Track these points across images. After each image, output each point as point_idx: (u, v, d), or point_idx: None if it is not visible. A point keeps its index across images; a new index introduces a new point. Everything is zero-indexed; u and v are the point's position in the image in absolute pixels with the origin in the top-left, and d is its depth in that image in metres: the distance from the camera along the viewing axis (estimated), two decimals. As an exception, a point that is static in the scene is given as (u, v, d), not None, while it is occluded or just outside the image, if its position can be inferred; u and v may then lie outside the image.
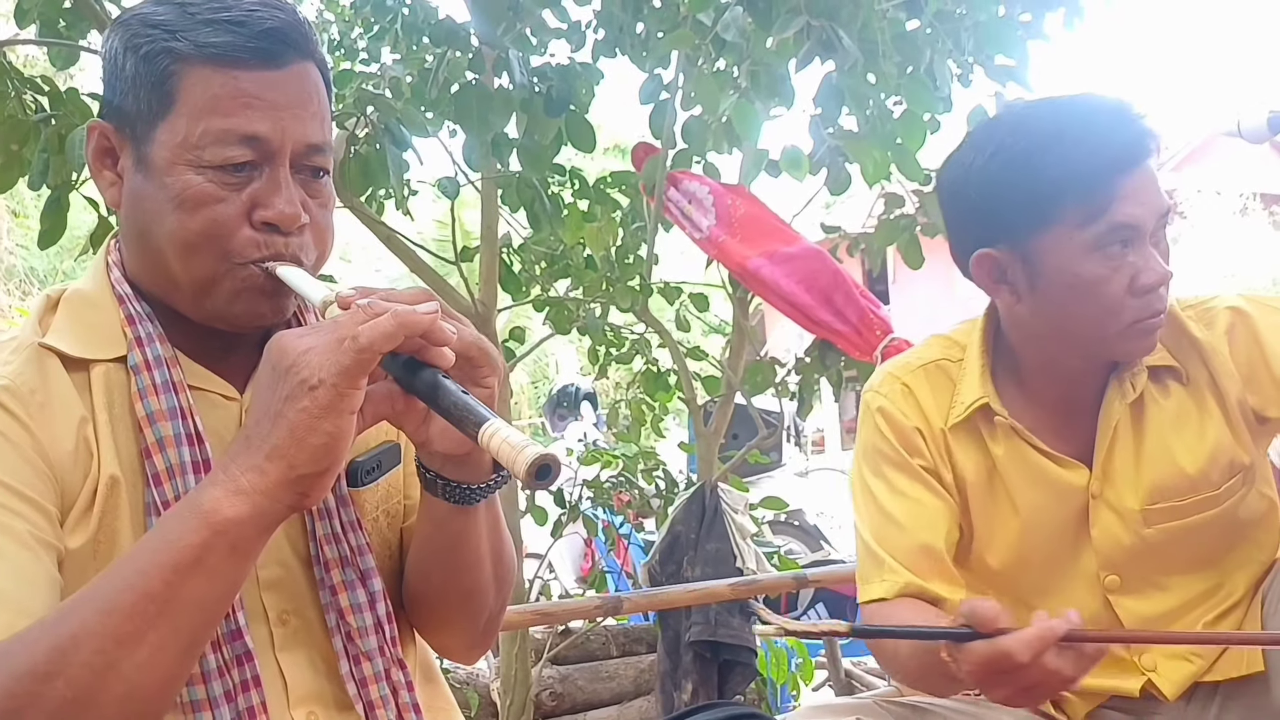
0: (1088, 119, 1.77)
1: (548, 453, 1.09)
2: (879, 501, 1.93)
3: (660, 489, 4.90)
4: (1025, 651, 1.45)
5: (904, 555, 1.87)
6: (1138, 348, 1.83)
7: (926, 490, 1.91)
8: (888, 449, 1.94)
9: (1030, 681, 1.48)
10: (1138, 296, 1.76)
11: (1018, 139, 1.80)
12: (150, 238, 1.34)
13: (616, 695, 4.59)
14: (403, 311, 1.18)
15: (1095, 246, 1.75)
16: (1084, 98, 1.83)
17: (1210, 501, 1.87)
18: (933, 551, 1.87)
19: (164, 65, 1.31)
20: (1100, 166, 1.74)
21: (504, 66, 3.33)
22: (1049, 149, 1.76)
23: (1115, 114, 1.78)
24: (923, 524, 1.89)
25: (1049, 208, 1.77)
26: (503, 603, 1.58)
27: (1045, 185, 1.76)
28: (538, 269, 4.44)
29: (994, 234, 1.85)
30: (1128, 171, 1.74)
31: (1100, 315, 1.79)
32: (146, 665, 1.14)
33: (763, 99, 3.45)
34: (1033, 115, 1.83)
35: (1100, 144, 1.74)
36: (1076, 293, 1.78)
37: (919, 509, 1.90)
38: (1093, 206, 1.74)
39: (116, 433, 1.33)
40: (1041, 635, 1.46)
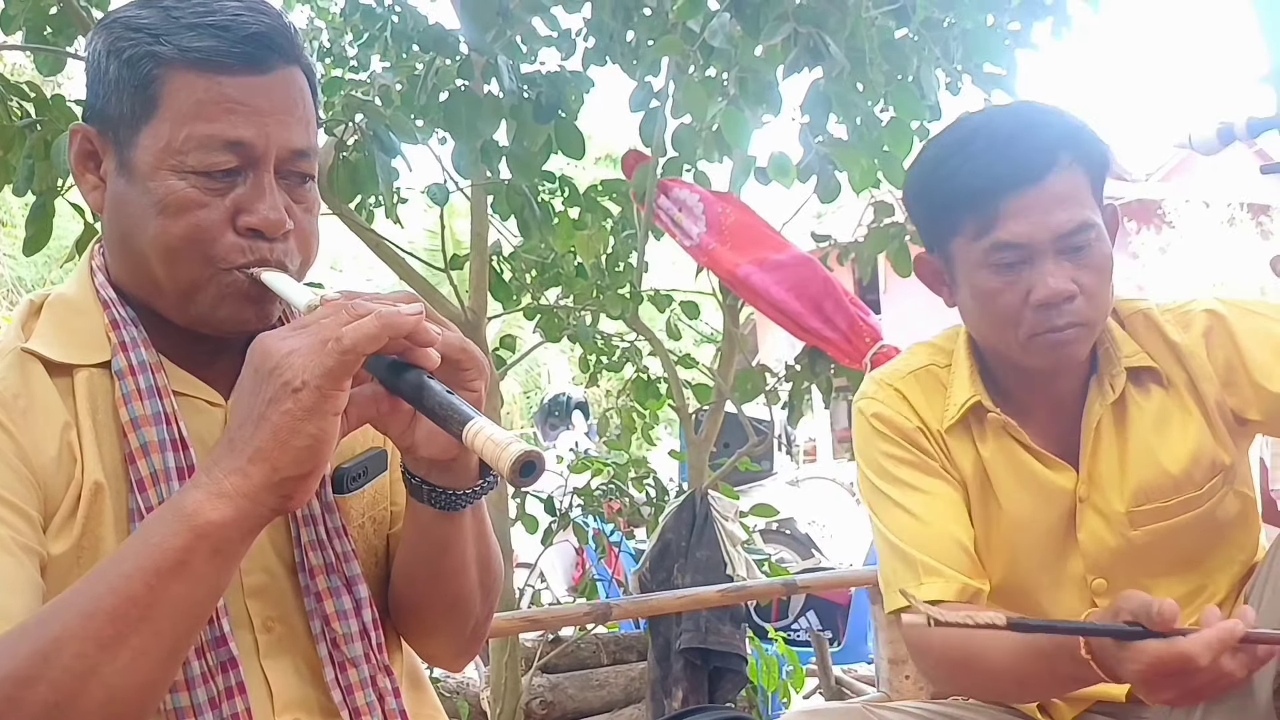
0: (991, 133, 1.80)
1: (532, 450, 1.09)
2: (899, 503, 1.92)
3: (651, 497, 4.89)
4: (1206, 654, 1.40)
5: (938, 553, 1.86)
6: (1044, 359, 1.84)
7: (943, 483, 1.93)
8: (894, 449, 1.95)
9: (1201, 683, 1.44)
10: (1035, 311, 1.77)
11: (932, 148, 1.89)
12: (133, 242, 1.34)
13: (607, 703, 4.57)
14: (387, 312, 1.17)
15: (986, 260, 1.79)
16: (1009, 109, 1.88)
17: (1194, 502, 1.88)
18: (963, 545, 1.88)
19: (147, 69, 1.31)
20: (987, 184, 1.77)
21: (493, 73, 3.32)
22: (948, 161, 1.82)
23: (1021, 128, 1.79)
24: (948, 518, 1.90)
25: (948, 218, 1.83)
26: (489, 609, 1.57)
27: (944, 195, 1.83)
28: (528, 277, 4.44)
29: (925, 238, 1.94)
30: (1017, 190, 1.75)
31: (1001, 325, 1.83)
32: (128, 669, 1.13)
33: (751, 106, 3.45)
34: (956, 126, 1.89)
35: (993, 160, 1.76)
36: (978, 301, 1.84)
37: (940, 503, 1.91)
38: (982, 222, 1.78)
39: (100, 438, 1.32)
40: (1222, 637, 1.41)
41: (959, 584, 1.84)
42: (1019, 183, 1.75)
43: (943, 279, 1.92)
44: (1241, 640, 1.42)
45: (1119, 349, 1.88)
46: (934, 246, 1.91)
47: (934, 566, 1.85)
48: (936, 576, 1.84)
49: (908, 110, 3.58)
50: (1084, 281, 1.77)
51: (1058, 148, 1.77)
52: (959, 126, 1.87)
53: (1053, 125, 1.80)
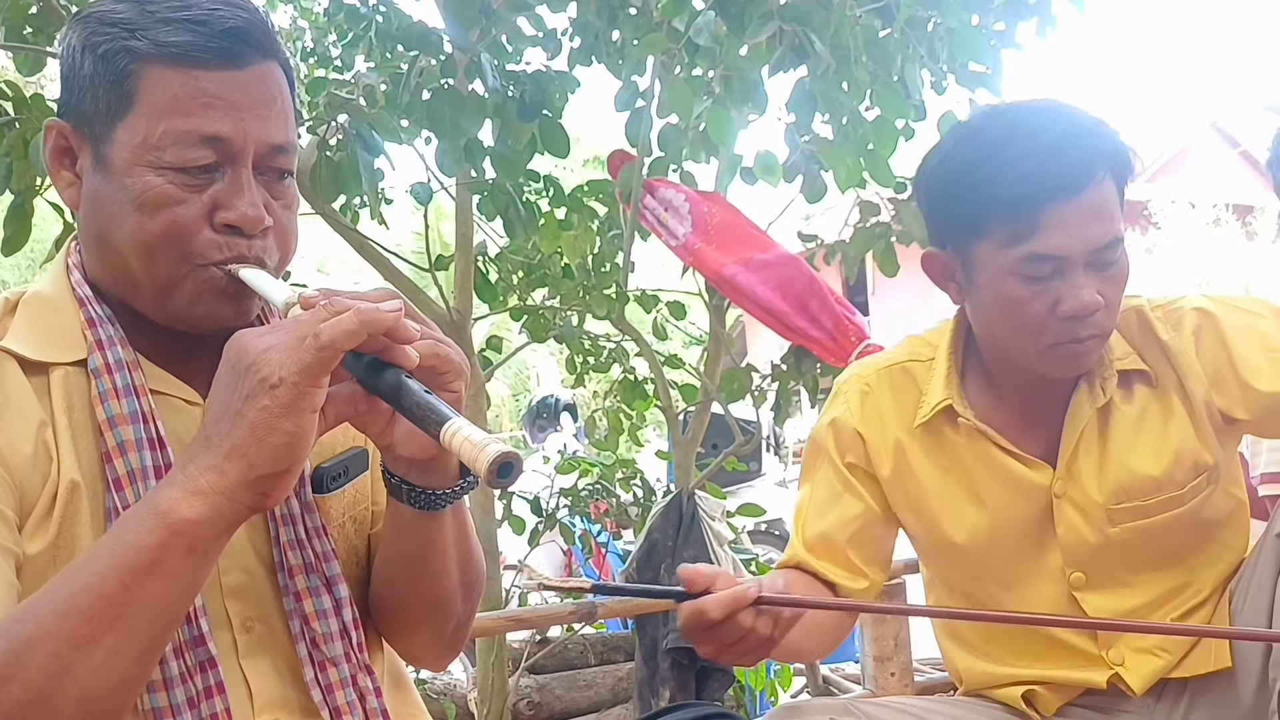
0: (1031, 139, 1.76)
1: (510, 450, 1.08)
2: (805, 488, 2.06)
3: (638, 497, 4.89)
4: (717, 610, 1.55)
5: (807, 536, 2.01)
6: (1061, 369, 1.86)
7: (844, 489, 2.01)
8: (823, 440, 2.05)
9: (731, 638, 1.59)
10: (1060, 321, 1.77)
11: (965, 147, 1.83)
12: (110, 239, 1.33)
13: (594, 704, 4.57)
14: (366, 309, 1.16)
15: (1017, 269, 1.77)
16: (1045, 111, 1.81)
17: (1175, 501, 1.89)
18: (830, 540, 1.99)
19: (123, 64, 1.29)
20: (1029, 193, 1.74)
21: (477, 72, 3.31)
22: (985, 164, 1.77)
23: (1062, 137, 1.76)
24: (829, 515, 2.01)
25: (979, 222, 1.80)
26: (471, 609, 1.57)
27: (977, 200, 1.79)
28: (515, 278, 4.43)
29: (941, 235, 1.91)
30: (1058, 202, 1.73)
31: (1021, 332, 1.82)
32: (103, 668, 1.12)
33: (736, 105, 3.44)
34: (987, 124, 1.84)
35: (1034, 169, 1.73)
36: (1000, 307, 1.83)
37: (829, 504, 2.02)
38: (1017, 231, 1.75)
39: (77, 437, 1.31)
40: (735, 596, 1.56)
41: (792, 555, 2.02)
42: (1060, 194, 1.73)
43: (953, 277, 1.90)
44: (757, 602, 1.58)
45: (1111, 350, 1.89)
46: (949, 244, 1.89)
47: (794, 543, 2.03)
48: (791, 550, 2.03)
49: (893, 109, 3.58)
50: (1108, 294, 1.77)
51: (1098, 160, 1.76)
52: (991, 126, 1.83)
53: (1094, 136, 1.77)
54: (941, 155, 1.88)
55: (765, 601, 1.59)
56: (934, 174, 1.88)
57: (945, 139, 1.91)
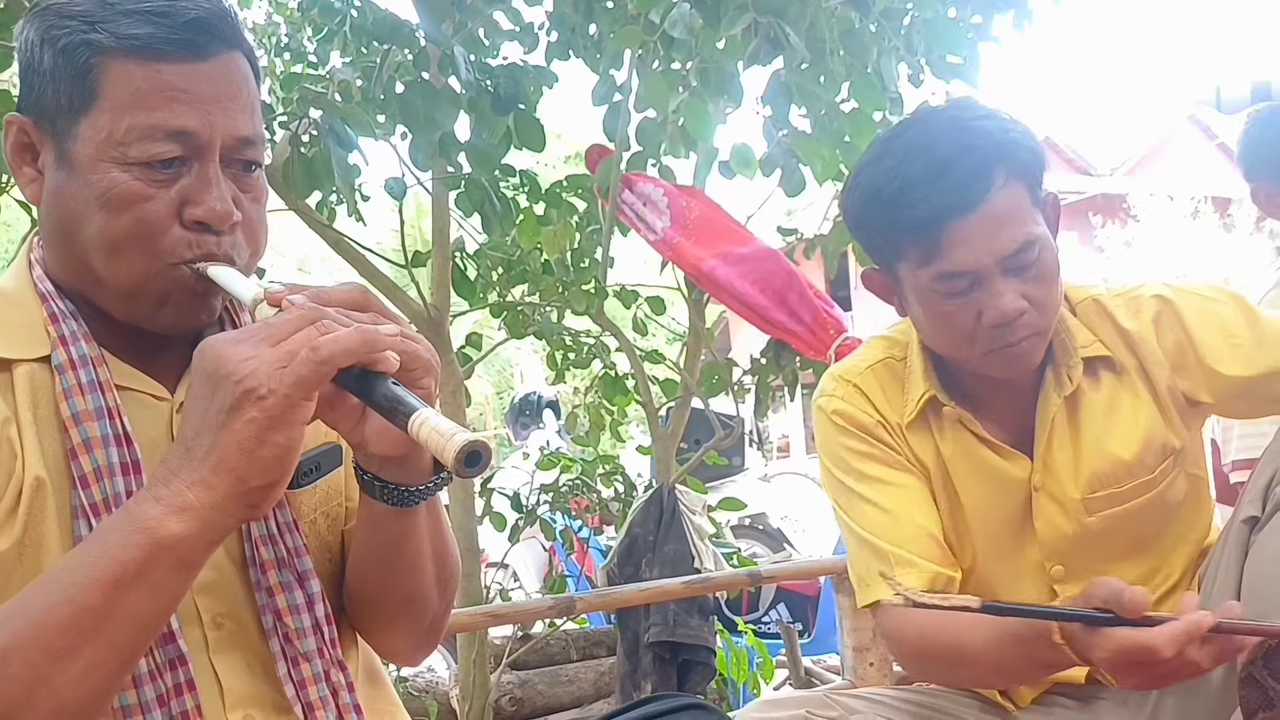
0: (926, 156, 1.75)
1: (477, 440, 1.07)
2: (866, 497, 1.94)
3: (619, 493, 4.89)
4: (1169, 647, 1.42)
5: (909, 544, 1.88)
6: (1004, 371, 1.86)
7: (908, 475, 1.94)
8: (857, 444, 1.96)
9: (1167, 671, 1.46)
10: (988, 330, 1.77)
11: (870, 170, 1.83)
12: (75, 237, 1.31)
13: (577, 699, 4.57)
14: (368, 329, 1.15)
15: (934, 286, 1.78)
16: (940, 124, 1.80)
17: (1146, 486, 1.91)
18: (933, 535, 1.90)
19: (84, 58, 1.27)
20: (928, 215, 1.74)
21: (450, 65, 3.30)
22: (886, 188, 1.78)
23: (954, 150, 1.75)
24: (915, 508, 1.92)
25: (892, 245, 1.82)
26: (447, 604, 1.56)
27: (884, 225, 1.81)
28: (494, 274, 4.42)
29: (871, 258, 1.92)
30: (956, 218, 1.73)
31: (956, 342, 1.83)
32: (80, 680, 1.11)
33: (712, 97, 3.45)
34: (889, 144, 1.83)
35: (930, 188, 1.73)
36: (930, 321, 1.84)
37: (907, 494, 1.93)
38: (925, 252, 1.76)
39: (41, 433, 1.30)
40: (1188, 630, 1.42)
41: (931, 573, 1.85)
42: (958, 211, 1.72)
43: (892, 293, 1.91)
44: (1210, 631, 1.42)
45: (1074, 339, 1.90)
46: (880, 265, 1.90)
47: (906, 558, 1.86)
48: (909, 567, 1.85)
49: (869, 101, 3.59)
50: (1033, 294, 1.77)
51: (993, 167, 1.74)
52: (892, 146, 1.81)
53: (986, 142, 1.76)
54: (855, 179, 1.88)
55: (1221, 630, 1.44)
56: (849, 199, 1.88)
57: (861, 162, 1.91)
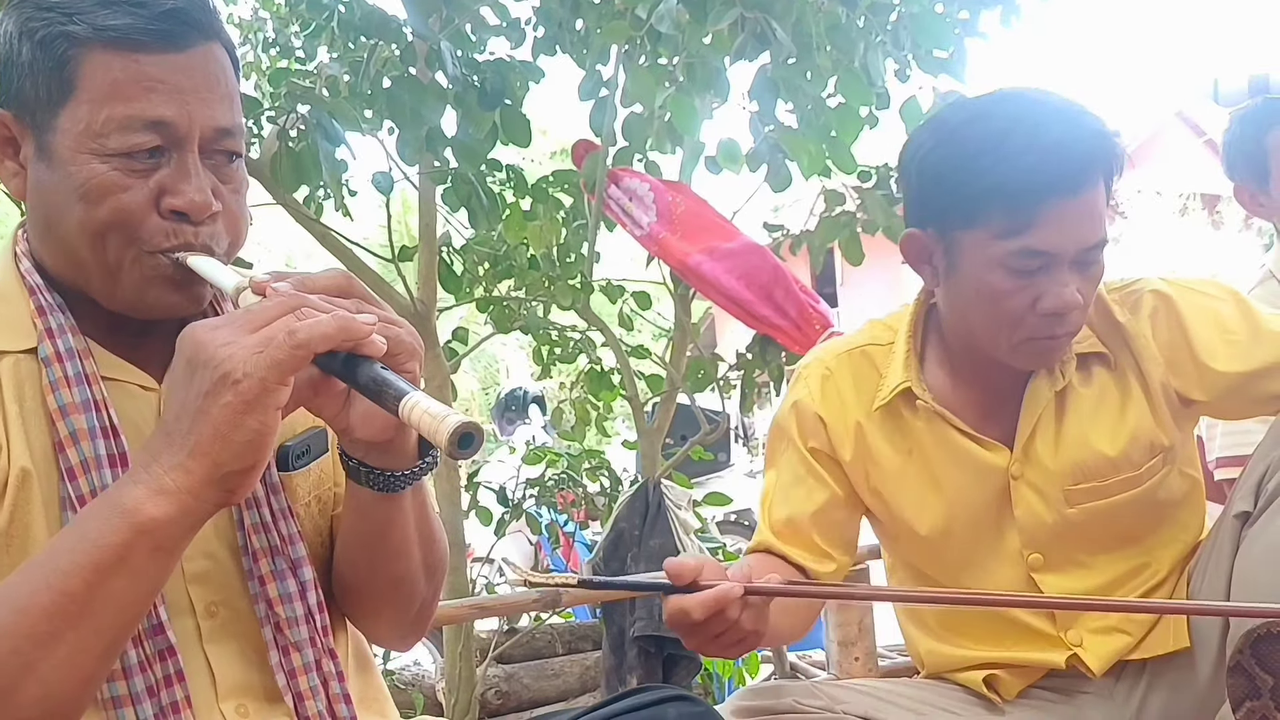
0: (1036, 132, 1.74)
1: (469, 421, 1.08)
2: (770, 473, 2.08)
3: (605, 488, 4.90)
4: (699, 610, 1.52)
5: (773, 521, 2.02)
6: (1030, 362, 1.88)
7: (808, 473, 2.01)
8: (786, 425, 2.05)
9: (716, 632, 1.57)
10: (1039, 316, 1.78)
11: (966, 134, 1.80)
12: (57, 228, 1.31)
13: (562, 693, 4.58)
14: (345, 317, 1.15)
15: (1006, 261, 1.76)
16: (1050, 105, 1.80)
17: (1131, 481, 1.91)
18: (796, 523, 2.00)
19: (62, 50, 1.27)
20: (1029, 187, 1.73)
21: (437, 60, 3.31)
22: (987, 154, 1.75)
23: (1067, 134, 1.75)
24: (793, 499, 2.01)
25: (974, 211, 1.78)
26: (435, 590, 1.57)
27: (975, 188, 1.77)
28: (480, 269, 4.42)
29: (926, 217, 1.89)
30: (1057, 199, 1.73)
31: (998, 324, 1.82)
32: (65, 665, 1.12)
33: (699, 93, 3.45)
34: (991, 111, 1.81)
35: (1037, 164, 1.72)
36: (981, 297, 1.82)
37: (793, 488, 2.02)
38: (1013, 224, 1.75)
39: (28, 425, 1.30)
40: (717, 596, 1.53)
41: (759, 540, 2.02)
42: (1060, 191, 1.73)
43: (931, 260, 1.89)
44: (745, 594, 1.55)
45: None
46: (932, 228, 1.87)
47: (761, 529, 2.03)
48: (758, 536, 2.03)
49: (856, 96, 3.59)
50: (1085, 293, 1.78)
51: (1098, 161, 1.76)
52: (995, 113, 1.80)
53: (1096, 136, 1.77)
54: (939, 138, 1.85)
55: (752, 592, 1.57)
56: (930, 155, 1.85)
57: (943, 119, 1.88)
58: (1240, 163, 2.89)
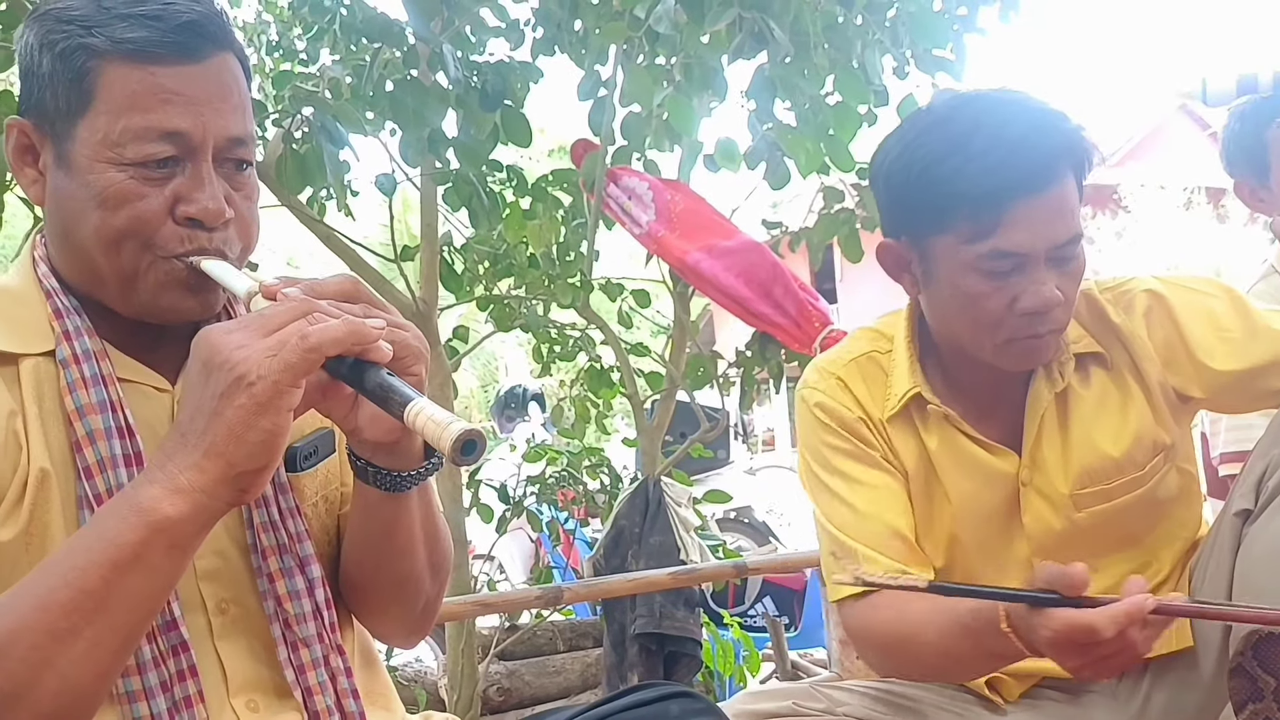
0: (998, 132, 1.73)
1: (472, 428, 1.10)
2: (837, 494, 1.92)
3: (605, 485, 4.91)
4: (1110, 627, 1.41)
5: (876, 542, 1.86)
6: (1017, 363, 1.85)
7: (883, 474, 1.92)
8: (836, 440, 1.95)
9: (1107, 653, 1.45)
10: (1018, 316, 1.76)
11: (928, 139, 1.79)
12: (74, 235, 1.34)
13: (564, 690, 4.59)
14: (355, 322, 1.18)
15: (978, 264, 1.75)
16: (1011, 104, 1.78)
17: (1136, 482, 1.90)
18: (902, 535, 1.88)
19: (80, 62, 1.30)
20: (993, 189, 1.71)
21: (439, 62, 3.32)
22: (950, 158, 1.74)
23: (1029, 131, 1.73)
24: (886, 508, 1.89)
25: (941, 216, 1.77)
26: (440, 588, 1.58)
27: (939, 194, 1.75)
28: (480, 268, 4.44)
29: (898, 226, 1.88)
30: (1022, 198, 1.71)
31: (979, 327, 1.80)
32: (82, 660, 1.14)
33: (697, 92, 3.46)
34: (951, 115, 1.80)
35: (1000, 164, 1.70)
36: (958, 301, 1.80)
37: (880, 494, 1.91)
38: (980, 227, 1.73)
39: (46, 426, 1.33)
40: (1129, 611, 1.42)
41: (897, 571, 1.82)
42: (1025, 190, 1.70)
43: (909, 268, 1.88)
44: (1152, 613, 1.43)
45: (1066, 335, 1.88)
46: (906, 236, 1.86)
47: (871, 556, 1.85)
48: (874, 565, 1.84)
49: (853, 94, 3.60)
50: (1066, 289, 1.76)
51: (1062, 157, 1.74)
52: (956, 117, 1.78)
53: (1059, 131, 1.75)
54: (903, 145, 1.83)
55: (1162, 611, 1.44)
56: (895, 164, 1.83)
57: (906, 127, 1.87)
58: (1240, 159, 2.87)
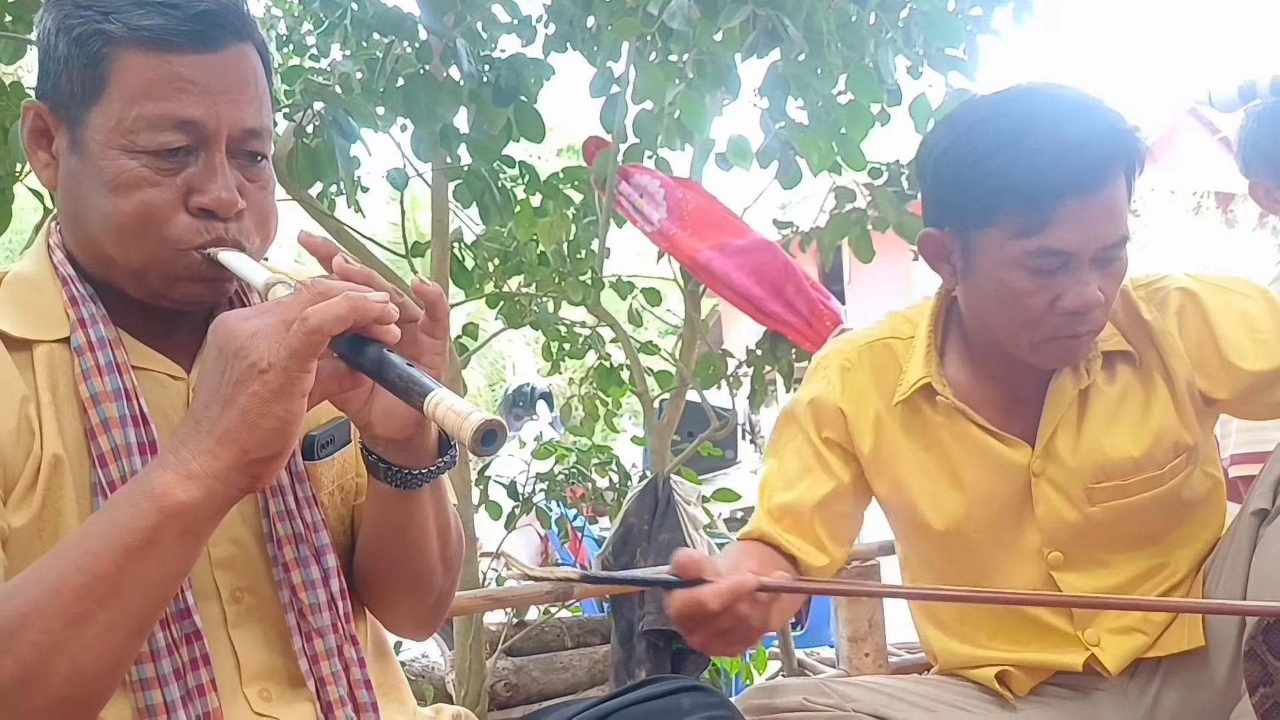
0: (1053, 129, 1.72)
1: (493, 418, 1.10)
2: (772, 460, 2.03)
3: (614, 482, 4.91)
4: (716, 601, 1.52)
5: (771, 507, 1.97)
6: (1052, 361, 1.86)
7: (817, 463, 1.99)
8: (800, 414, 2.03)
9: (725, 627, 1.55)
10: (1059, 315, 1.76)
11: (981, 132, 1.78)
12: (85, 221, 1.35)
13: (571, 686, 4.59)
14: (355, 296, 1.18)
15: (1024, 261, 1.75)
16: (1067, 101, 1.77)
17: (1154, 481, 1.90)
18: (797, 511, 1.96)
19: (96, 47, 1.30)
20: (1045, 187, 1.71)
21: (452, 57, 3.32)
22: (1002, 153, 1.73)
23: (1085, 131, 1.72)
24: (797, 487, 1.97)
25: (990, 210, 1.77)
26: (452, 582, 1.59)
27: (990, 188, 1.75)
28: (491, 265, 4.43)
29: (943, 216, 1.87)
30: (1074, 197, 1.70)
31: (1018, 323, 1.81)
32: (94, 645, 1.14)
33: (710, 89, 3.46)
34: (1005, 109, 1.79)
35: (1054, 162, 1.70)
36: (1000, 296, 1.80)
37: (799, 477, 1.99)
38: (1029, 223, 1.73)
39: (60, 413, 1.33)
40: (733, 588, 1.52)
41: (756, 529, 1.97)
42: (1078, 190, 1.70)
43: (950, 259, 1.88)
44: (757, 590, 1.55)
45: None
46: (951, 226, 1.85)
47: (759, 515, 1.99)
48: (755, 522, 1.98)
49: (866, 93, 3.60)
50: (1107, 290, 1.77)
51: (1117, 159, 1.74)
52: (1011, 111, 1.77)
53: (1115, 133, 1.74)
54: (955, 136, 1.82)
55: (765, 588, 1.56)
56: (946, 155, 1.84)
57: (959, 118, 1.86)
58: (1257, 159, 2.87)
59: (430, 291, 1.30)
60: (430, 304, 1.30)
